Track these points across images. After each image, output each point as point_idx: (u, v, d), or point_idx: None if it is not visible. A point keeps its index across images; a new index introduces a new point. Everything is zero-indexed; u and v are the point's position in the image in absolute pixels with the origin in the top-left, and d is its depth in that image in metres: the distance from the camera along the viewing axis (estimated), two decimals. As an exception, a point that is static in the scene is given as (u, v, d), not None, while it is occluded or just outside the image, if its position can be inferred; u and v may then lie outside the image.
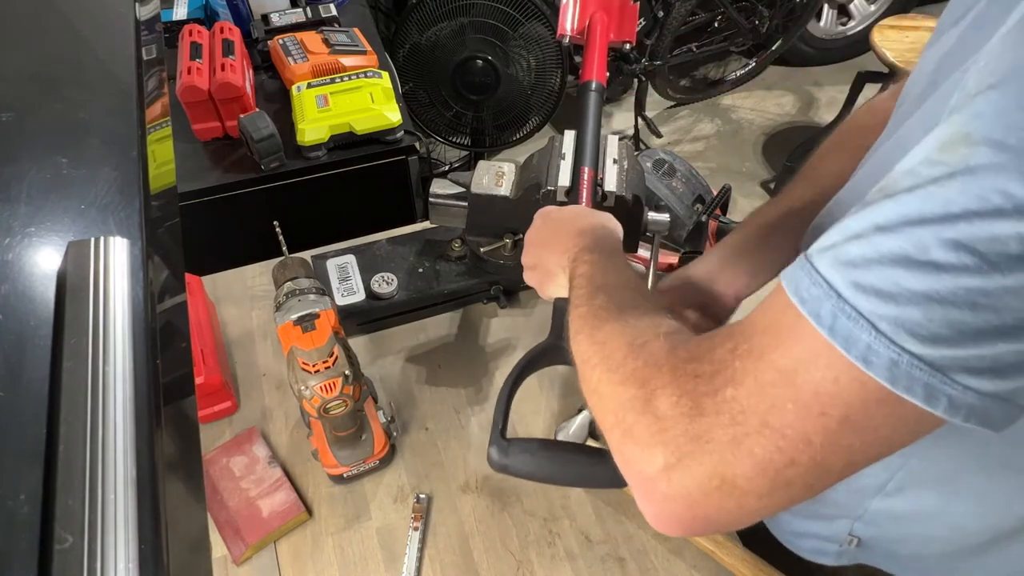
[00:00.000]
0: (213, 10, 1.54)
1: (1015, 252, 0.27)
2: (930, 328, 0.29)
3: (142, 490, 0.30)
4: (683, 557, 0.78)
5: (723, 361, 0.35)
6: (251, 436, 0.88)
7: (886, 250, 0.30)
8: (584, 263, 0.54)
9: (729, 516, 0.36)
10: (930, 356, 0.29)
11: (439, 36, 2.01)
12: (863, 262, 0.30)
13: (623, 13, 0.83)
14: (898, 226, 0.30)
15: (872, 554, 0.63)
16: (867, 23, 2.85)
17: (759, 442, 0.33)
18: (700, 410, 0.35)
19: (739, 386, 0.34)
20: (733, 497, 0.34)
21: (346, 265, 1.01)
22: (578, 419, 0.87)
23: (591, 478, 0.55)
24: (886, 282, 0.29)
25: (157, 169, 0.48)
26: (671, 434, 0.35)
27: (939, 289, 0.28)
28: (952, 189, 0.28)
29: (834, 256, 0.32)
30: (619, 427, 0.39)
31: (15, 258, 0.37)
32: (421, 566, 0.78)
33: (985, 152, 0.28)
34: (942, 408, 0.30)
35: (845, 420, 0.32)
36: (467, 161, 2.44)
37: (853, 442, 0.32)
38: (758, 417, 0.33)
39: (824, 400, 0.32)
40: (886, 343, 0.29)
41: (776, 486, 0.34)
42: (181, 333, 0.47)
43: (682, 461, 0.35)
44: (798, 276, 0.33)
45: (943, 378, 0.29)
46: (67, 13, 0.58)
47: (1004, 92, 0.28)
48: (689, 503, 0.35)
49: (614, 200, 0.71)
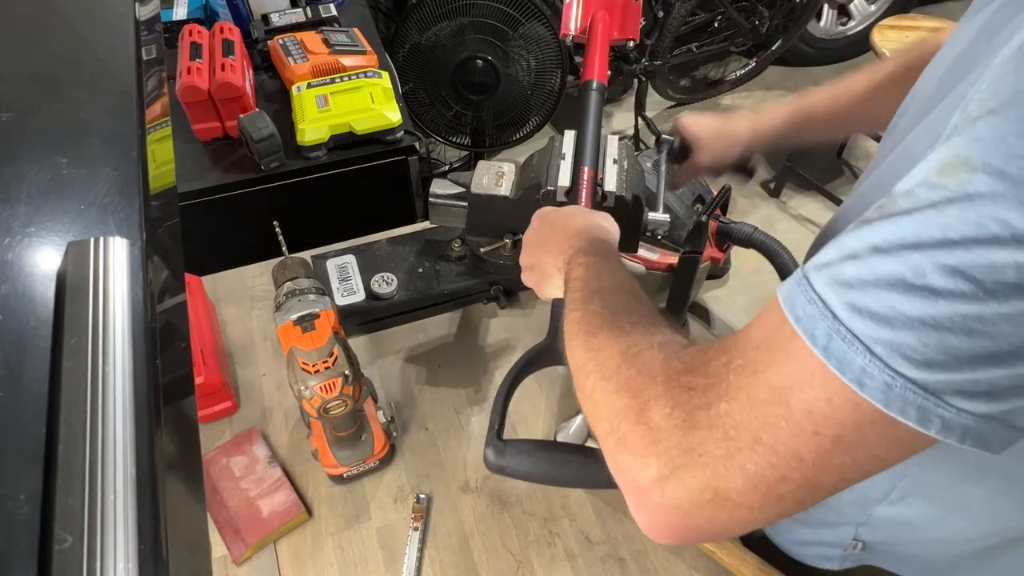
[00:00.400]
0: (213, 10, 1.54)
1: (1012, 280, 0.27)
2: (925, 353, 0.29)
3: (142, 490, 0.30)
4: (683, 557, 0.78)
5: (717, 374, 0.36)
6: (251, 436, 0.88)
7: (883, 273, 0.30)
8: (579, 266, 0.54)
9: (721, 527, 0.36)
10: (924, 380, 0.29)
11: (439, 36, 2.01)
12: (859, 283, 0.30)
13: (626, 11, 0.83)
14: (895, 249, 0.30)
15: (876, 556, 0.63)
16: (867, 23, 2.85)
17: (751, 458, 0.33)
18: (693, 423, 0.35)
19: (732, 401, 0.34)
20: (725, 509, 0.35)
21: (346, 265, 1.01)
22: (577, 420, 0.87)
23: (588, 479, 0.55)
24: (882, 305, 0.29)
25: (157, 169, 0.48)
26: (664, 445, 0.36)
27: (935, 315, 0.28)
28: (950, 215, 0.28)
29: (830, 275, 0.32)
30: (613, 435, 0.39)
31: (15, 258, 0.37)
32: (421, 566, 0.78)
33: (984, 180, 0.28)
34: (935, 430, 0.30)
35: (838, 440, 0.32)
36: (467, 161, 2.44)
37: (845, 460, 0.32)
38: (751, 433, 0.33)
39: (817, 419, 0.32)
40: (880, 366, 0.30)
41: (768, 500, 0.34)
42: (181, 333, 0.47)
43: (675, 473, 0.35)
44: (794, 293, 0.33)
45: (937, 401, 0.29)
46: (67, 13, 0.58)
47: (1005, 117, 0.28)
48: (681, 513, 0.36)
49: (614, 200, 0.71)
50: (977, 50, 0.40)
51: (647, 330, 0.44)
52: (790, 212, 2.38)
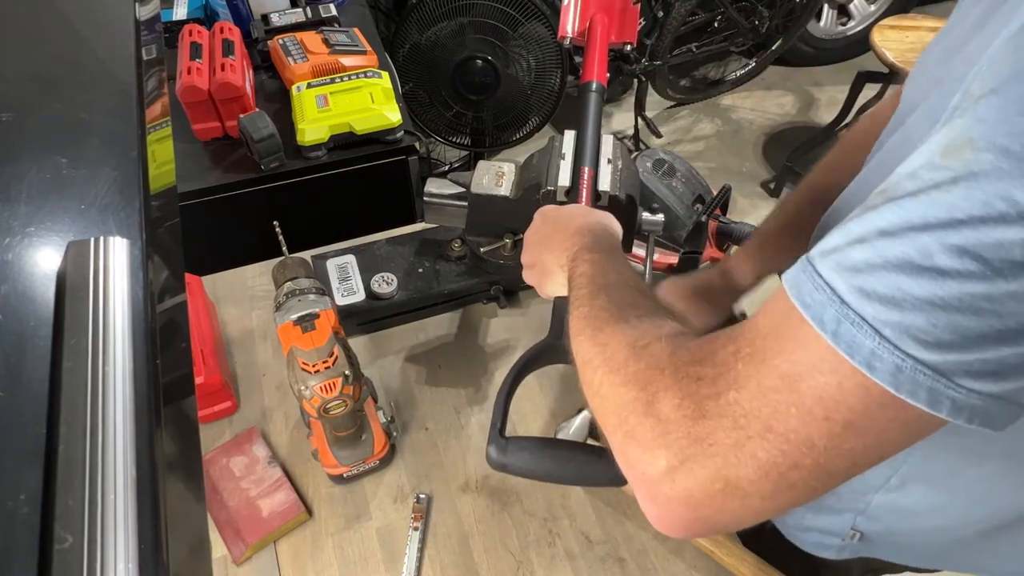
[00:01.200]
0: (213, 10, 1.54)
1: (1019, 258, 0.27)
2: (934, 334, 0.29)
3: (142, 490, 0.30)
4: (683, 557, 0.78)
5: (725, 364, 0.35)
6: (251, 436, 0.88)
7: (890, 255, 0.30)
8: (584, 262, 0.54)
9: (732, 517, 0.36)
10: (933, 361, 0.29)
11: (439, 36, 2.01)
12: (867, 267, 0.30)
13: (624, 15, 0.83)
14: (902, 231, 0.30)
15: (874, 547, 0.63)
16: (867, 23, 2.85)
17: (762, 446, 0.33)
18: (702, 413, 0.35)
19: (741, 389, 0.34)
20: (736, 498, 0.34)
21: (346, 265, 1.01)
22: (577, 419, 0.87)
23: (590, 476, 0.55)
24: (890, 288, 0.29)
25: (157, 169, 0.48)
26: (673, 436, 0.35)
27: (943, 295, 0.28)
28: (956, 194, 0.28)
29: (836, 261, 0.32)
30: (621, 428, 0.39)
31: (15, 258, 0.37)
32: (421, 566, 0.78)
33: (989, 158, 0.28)
34: (945, 411, 0.30)
35: (849, 424, 0.32)
36: (467, 161, 2.44)
37: (856, 445, 0.32)
38: (761, 421, 0.33)
39: (827, 405, 0.32)
40: (890, 349, 0.29)
41: (779, 488, 0.34)
42: (181, 333, 0.47)
43: (685, 464, 0.35)
44: (800, 279, 0.33)
45: (947, 382, 0.29)
46: (67, 13, 0.58)
47: (1007, 97, 0.28)
48: (692, 505, 0.35)
49: (608, 200, 0.71)
50: (973, 34, 0.40)
51: (654, 323, 0.44)
52: (790, 212, 2.38)
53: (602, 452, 0.54)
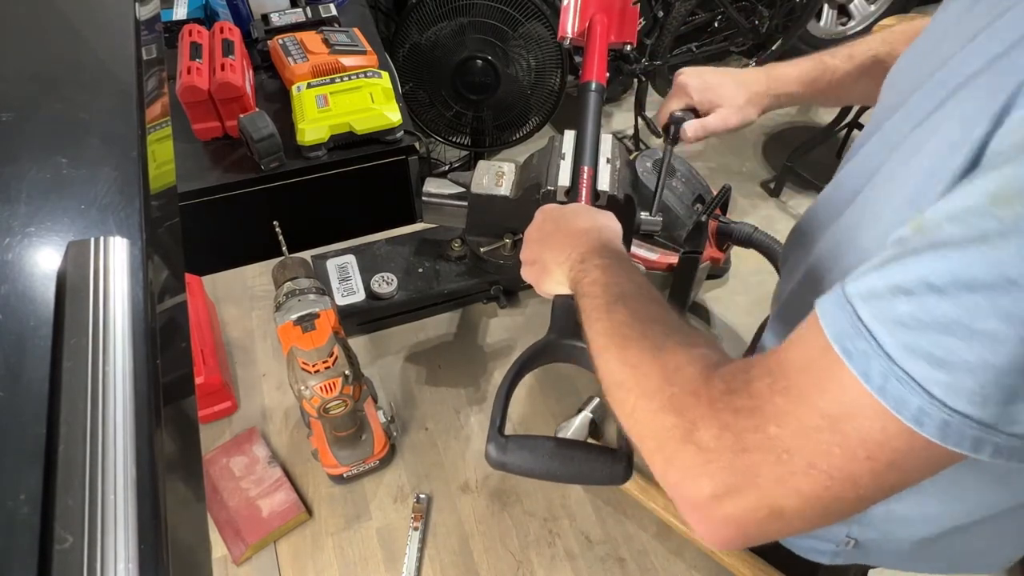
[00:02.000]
0: (213, 10, 1.54)
1: None
2: (983, 393, 0.29)
3: (142, 490, 0.30)
4: (683, 557, 0.78)
5: (761, 396, 0.36)
6: (251, 436, 0.88)
7: (939, 315, 0.29)
8: (595, 268, 0.53)
9: (776, 535, 0.37)
10: (980, 416, 0.29)
11: (439, 36, 2.00)
12: (915, 324, 0.30)
13: (624, 15, 0.83)
14: (950, 288, 0.29)
15: (868, 555, 0.63)
16: (867, 23, 2.85)
17: (806, 481, 0.34)
18: (743, 445, 0.35)
19: (783, 426, 0.34)
20: (779, 523, 0.36)
21: (346, 265, 1.01)
22: (577, 419, 0.87)
23: (590, 474, 0.55)
24: (940, 349, 0.29)
25: (157, 169, 0.48)
26: (716, 466, 0.36)
27: (994, 362, 0.28)
28: (1007, 252, 0.28)
29: (880, 309, 0.32)
30: (660, 454, 0.40)
31: (15, 258, 0.37)
32: (421, 566, 0.78)
33: None
34: (987, 454, 0.30)
35: (891, 464, 0.32)
36: (467, 161, 2.44)
37: (896, 480, 0.33)
38: (804, 459, 0.34)
39: (871, 447, 0.32)
40: (939, 407, 0.30)
41: (820, 516, 0.35)
42: (181, 333, 0.47)
43: (729, 493, 0.36)
44: (839, 319, 0.33)
45: (993, 431, 0.30)
46: (67, 13, 0.58)
47: None
48: (737, 527, 0.37)
49: (606, 199, 0.71)
50: (964, 27, 0.40)
51: (681, 343, 0.44)
52: (790, 212, 2.38)
53: (601, 450, 0.54)
